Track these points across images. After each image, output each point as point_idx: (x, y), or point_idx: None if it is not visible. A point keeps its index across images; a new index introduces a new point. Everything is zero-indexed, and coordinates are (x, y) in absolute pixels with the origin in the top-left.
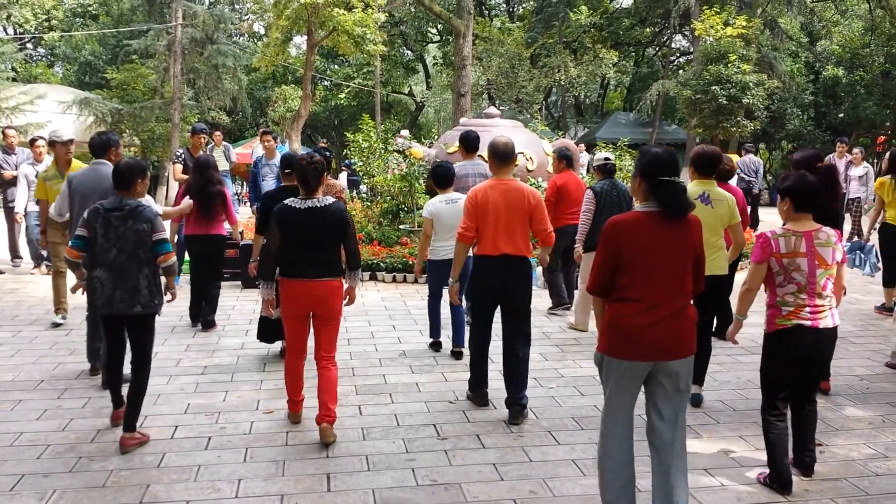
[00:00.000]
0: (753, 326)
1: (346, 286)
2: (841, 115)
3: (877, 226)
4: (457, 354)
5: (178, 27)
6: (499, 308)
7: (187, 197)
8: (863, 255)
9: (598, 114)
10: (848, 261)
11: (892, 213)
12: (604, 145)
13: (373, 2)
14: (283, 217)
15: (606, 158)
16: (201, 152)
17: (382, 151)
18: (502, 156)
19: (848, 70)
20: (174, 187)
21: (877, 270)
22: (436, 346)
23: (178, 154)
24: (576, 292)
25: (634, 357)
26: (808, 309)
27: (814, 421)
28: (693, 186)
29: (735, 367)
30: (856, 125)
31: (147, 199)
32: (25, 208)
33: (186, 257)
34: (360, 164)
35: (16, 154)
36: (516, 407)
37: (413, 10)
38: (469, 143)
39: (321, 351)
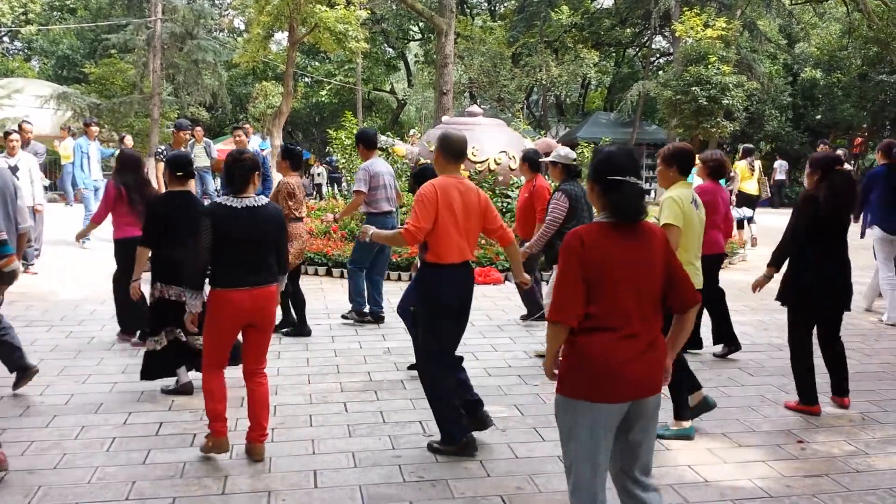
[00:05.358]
0: (735, 325)
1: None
2: (819, 116)
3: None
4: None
5: (157, 22)
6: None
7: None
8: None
9: (579, 113)
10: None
11: (744, 185)
12: (586, 145)
13: None
14: (219, 218)
15: (575, 158)
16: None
17: None
18: (457, 151)
19: (826, 72)
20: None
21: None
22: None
23: (160, 150)
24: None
25: (614, 398)
26: None
27: None
28: (685, 189)
29: (717, 365)
30: (833, 127)
31: None
32: None
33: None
34: (343, 161)
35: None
36: (483, 409)
37: (395, 7)
38: (370, 141)
39: (253, 364)
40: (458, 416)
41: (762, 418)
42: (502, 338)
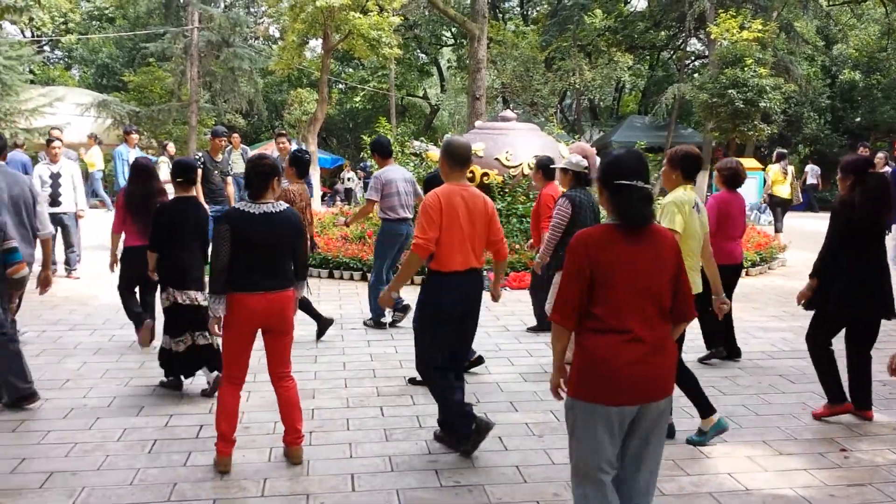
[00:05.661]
0: (775, 331)
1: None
2: (858, 119)
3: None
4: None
5: (194, 30)
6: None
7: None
8: (760, 214)
9: (614, 117)
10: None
11: (777, 188)
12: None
13: (388, 5)
14: (237, 223)
15: (586, 167)
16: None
17: (399, 154)
18: (461, 158)
19: (864, 74)
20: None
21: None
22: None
23: (198, 157)
24: None
25: (623, 401)
26: None
27: None
28: (687, 194)
29: (757, 371)
30: (873, 129)
31: None
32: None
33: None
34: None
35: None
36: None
37: (427, 13)
38: (384, 149)
39: (277, 368)
40: (460, 413)
41: (803, 426)
42: (538, 343)
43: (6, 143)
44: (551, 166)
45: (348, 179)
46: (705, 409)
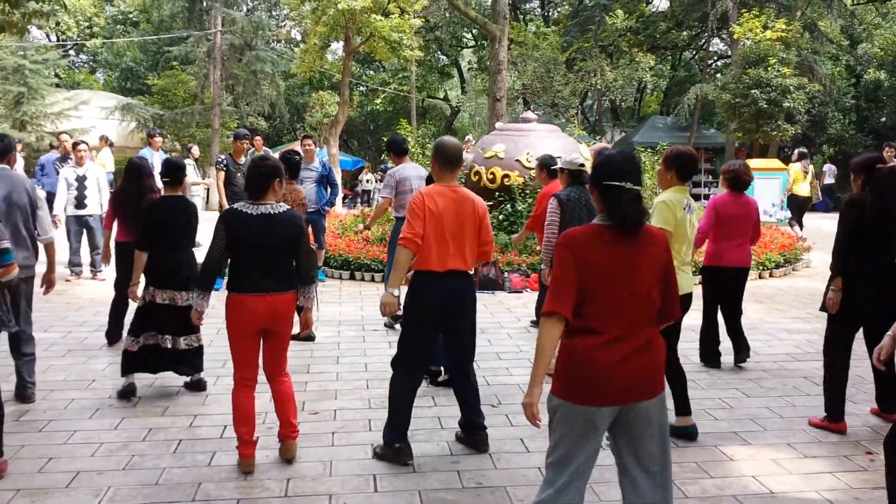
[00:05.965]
0: (799, 333)
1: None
2: (883, 118)
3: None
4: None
5: (217, 34)
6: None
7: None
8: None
9: (635, 118)
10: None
11: (797, 187)
12: (642, 150)
13: (409, 7)
14: (232, 223)
15: (582, 165)
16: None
17: (420, 156)
18: (452, 159)
19: (890, 73)
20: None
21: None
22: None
23: (221, 160)
24: None
25: (601, 402)
26: None
27: None
28: (678, 194)
29: (781, 373)
30: None
31: None
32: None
33: None
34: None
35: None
36: (482, 432)
37: (448, 15)
38: (399, 148)
39: (272, 368)
40: (400, 423)
41: None
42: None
43: (12, 145)
44: (552, 167)
45: (367, 181)
46: (684, 408)
